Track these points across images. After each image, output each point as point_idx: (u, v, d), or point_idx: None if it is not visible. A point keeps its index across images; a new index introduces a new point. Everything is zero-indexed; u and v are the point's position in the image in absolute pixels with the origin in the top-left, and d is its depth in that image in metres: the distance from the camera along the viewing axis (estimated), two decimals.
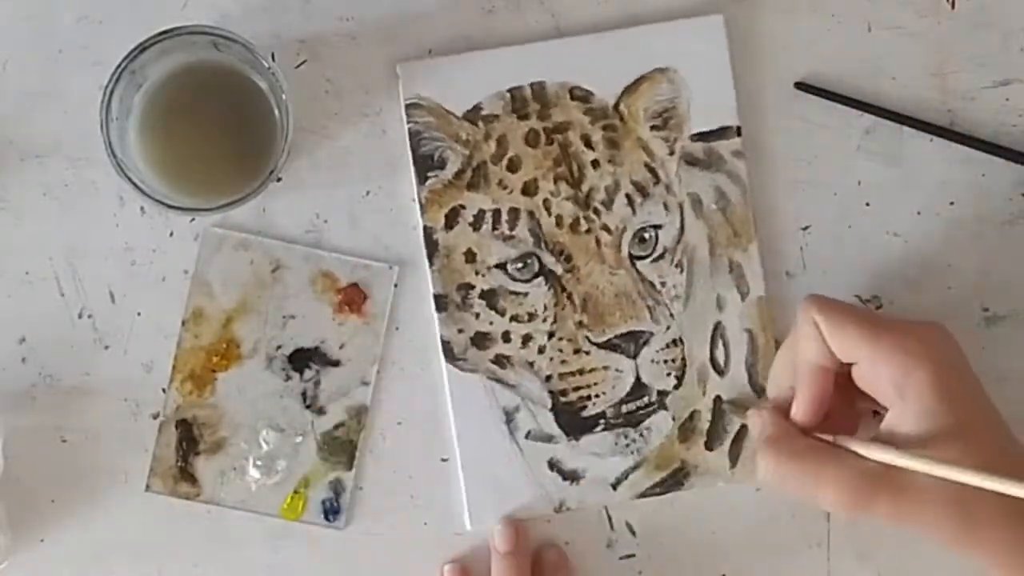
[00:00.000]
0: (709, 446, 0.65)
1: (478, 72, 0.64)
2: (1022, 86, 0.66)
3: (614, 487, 0.65)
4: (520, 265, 0.64)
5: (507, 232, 0.64)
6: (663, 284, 0.65)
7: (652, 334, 0.64)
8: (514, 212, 0.64)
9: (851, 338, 0.56)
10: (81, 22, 0.64)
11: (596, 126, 0.65)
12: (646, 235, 0.65)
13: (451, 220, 0.64)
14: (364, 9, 0.65)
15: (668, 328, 0.65)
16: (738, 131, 0.65)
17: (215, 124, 0.62)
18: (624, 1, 0.65)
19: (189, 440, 0.64)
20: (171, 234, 0.65)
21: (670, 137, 0.65)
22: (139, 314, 0.65)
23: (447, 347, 0.64)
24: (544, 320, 0.64)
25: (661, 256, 0.65)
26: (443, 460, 0.65)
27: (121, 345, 0.65)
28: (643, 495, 0.65)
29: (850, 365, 0.57)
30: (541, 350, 0.64)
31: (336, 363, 0.65)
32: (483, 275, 0.64)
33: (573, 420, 0.65)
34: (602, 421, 0.65)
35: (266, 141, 0.61)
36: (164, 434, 0.64)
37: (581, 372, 0.64)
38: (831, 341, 0.56)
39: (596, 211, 0.64)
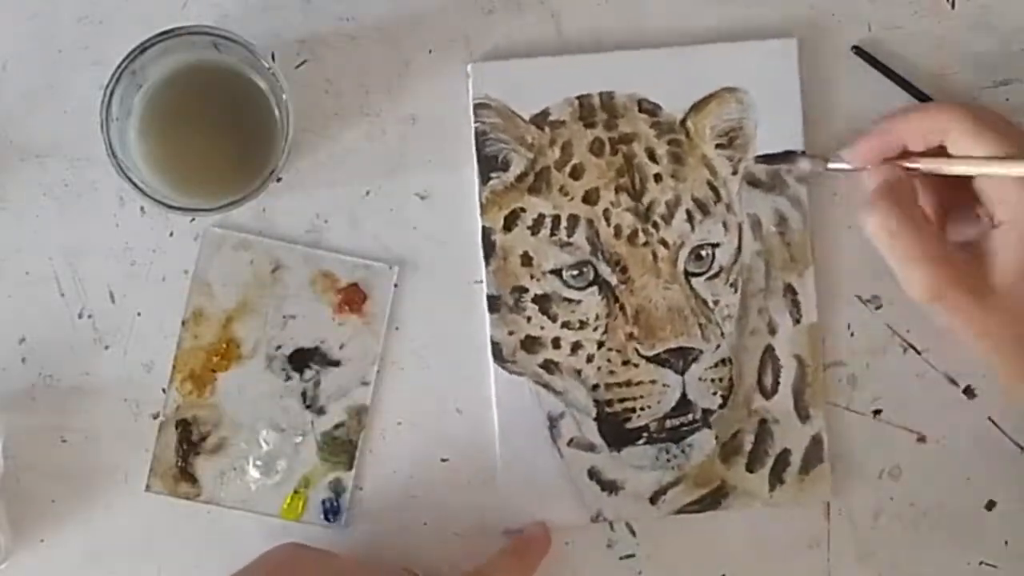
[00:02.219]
0: (750, 468, 0.65)
1: (548, 77, 0.64)
2: (1022, 86, 0.66)
3: (652, 501, 0.65)
4: (575, 272, 0.64)
5: (565, 239, 0.64)
6: (716, 303, 0.64)
7: (701, 352, 0.64)
8: (573, 219, 0.64)
9: (985, 151, 0.56)
10: (81, 22, 0.64)
11: (662, 140, 0.64)
12: (703, 252, 0.64)
13: (510, 222, 0.64)
14: (364, 9, 0.65)
15: (718, 347, 0.64)
16: (803, 155, 0.65)
17: (215, 124, 0.62)
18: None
19: (189, 440, 0.64)
20: (171, 234, 0.65)
21: (734, 157, 0.65)
22: (139, 314, 0.65)
23: (496, 348, 0.64)
24: (595, 329, 0.64)
25: (716, 275, 0.64)
26: (443, 460, 0.65)
27: (121, 345, 0.65)
28: (681, 511, 0.65)
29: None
30: (590, 359, 0.64)
31: (336, 363, 0.65)
32: (538, 279, 0.64)
33: (616, 431, 0.64)
34: (645, 434, 0.64)
35: (266, 141, 0.61)
36: (164, 434, 0.64)
37: (628, 384, 0.64)
38: (956, 148, 0.57)
39: (655, 225, 0.64)
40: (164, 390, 0.64)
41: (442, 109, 0.65)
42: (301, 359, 0.65)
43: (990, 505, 0.66)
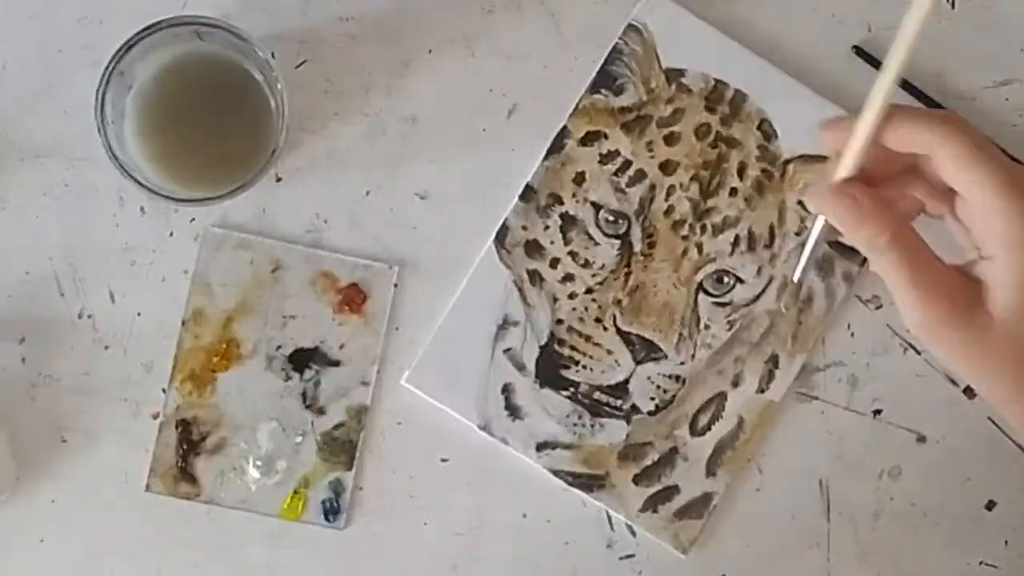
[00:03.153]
0: (636, 480, 0.65)
1: (707, 46, 0.65)
2: (1022, 86, 0.66)
3: (538, 448, 0.65)
4: (611, 218, 0.65)
5: (623, 185, 0.65)
6: (707, 327, 0.65)
7: (666, 357, 0.64)
8: (641, 174, 0.64)
9: (976, 182, 0.49)
10: (81, 22, 0.65)
11: (758, 164, 0.65)
12: (726, 279, 0.65)
13: (588, 139, 0.65)
14: (364, 9, 0.65)
15: (682, 364, 0.65)
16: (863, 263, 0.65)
17: (209, 114, 0.62)
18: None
19: (189, 440, 0.64)
20: (171, 234, 0.65)
21: (806, 219, 0.65)
22: (139, 314, 0.65)
23: (503, 231, 0.64)
24: (594, 276, 0.64)
25: (724, 305, 0.65)
26: (443, 460, 0.65)
27: (121, 345, 0.65)
28: (555, 473, 0.65)
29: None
30: (572, 295, 0.64)
31: (336, 363, 0.65)
32: (578, 201, 0.65)
33: (550, 369, 0.65)
34: (572, 389, 0.64)
35: (263, 121, 0.61)
36: (164, 434, 0.64)
37: (588, 339, 0.64)
38: (945, 171, 0.49)
39: (703, 228, 0.64)
40: (164, 390, 0.64)
41: (442, 109, 0.65)
42: (301, 359, 0.65)
43: (990, 505, 0.66)
